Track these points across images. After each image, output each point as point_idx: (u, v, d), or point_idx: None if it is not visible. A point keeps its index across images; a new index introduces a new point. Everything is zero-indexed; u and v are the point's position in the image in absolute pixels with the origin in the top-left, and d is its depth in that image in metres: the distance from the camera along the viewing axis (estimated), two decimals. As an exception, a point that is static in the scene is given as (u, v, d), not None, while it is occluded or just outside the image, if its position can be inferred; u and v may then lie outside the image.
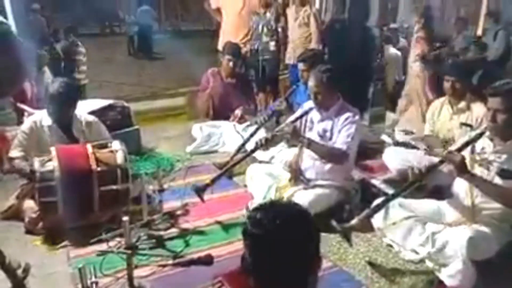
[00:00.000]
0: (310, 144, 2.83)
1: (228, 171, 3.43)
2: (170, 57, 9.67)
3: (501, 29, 6.09)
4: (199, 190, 2.87)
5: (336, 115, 2.89)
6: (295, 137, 2.87)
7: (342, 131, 2.84)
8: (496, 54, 5.96)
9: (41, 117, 3.00)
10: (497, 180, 2.30)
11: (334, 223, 2.42)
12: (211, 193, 3.03)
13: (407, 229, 2.48)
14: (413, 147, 3.40)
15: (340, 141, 2.83)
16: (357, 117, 2.89)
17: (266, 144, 2.92)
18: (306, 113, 3.00)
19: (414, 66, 4.54)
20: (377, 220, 2.56)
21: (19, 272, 2.23)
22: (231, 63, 4.26)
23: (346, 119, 2.84)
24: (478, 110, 2.92)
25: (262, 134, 3.79)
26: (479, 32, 7.10)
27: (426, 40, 4.49)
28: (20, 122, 3.83)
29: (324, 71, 2.86)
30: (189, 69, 8.32)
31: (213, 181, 2.91)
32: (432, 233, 2.33)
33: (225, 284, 1.83)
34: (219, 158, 3.71)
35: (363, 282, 2.31)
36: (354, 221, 2.42)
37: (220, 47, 5.04)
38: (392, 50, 6.10)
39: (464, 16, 7.18)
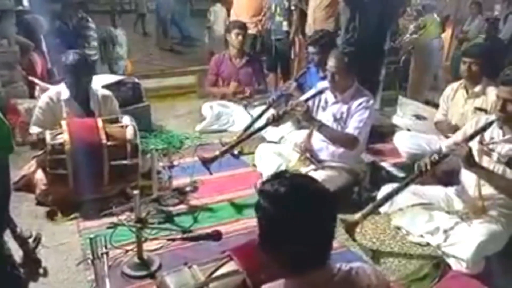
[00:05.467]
0: (321, 127, 2.80)
1: (237, 149, 3.45)
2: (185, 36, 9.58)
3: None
4: (207, 162, 2.87)
5: (351, 99, 2.85)
6: (307, 118, 2.84)
7: (355, 116, 2.80)
8: (506, 37, 5.88)
9: (57, 92, 3.01)
10: (507, 171, 2.26)
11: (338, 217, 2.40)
12: (220, 171, 3.05)
13: (413, 216, 2.48)
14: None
15: (351, 126, 2.80)
16: (371, 102, 2.84)
17: (277, 120, 2.89)
18: (320, 92, 2.96)
19: None
20: (383, 205, 2.55)
21: (31, 241, 2.28)
22: (240, 37, 4.18)
23: (360, 104, 2.80)
24: (494, 94, 2.87)
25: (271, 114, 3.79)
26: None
27: None
28: (31, 95, 3.85)
29: (346, 53, 2.82)
30: (200, 48, 8.30)
31: (222, 153, 2.90)
32: (444, 230, 2.32)
33: (234, 258, 1.84)
34: (228, 138, 3.70)
35: (370, 263, 2.31)
36: (357, 216, 2.41)
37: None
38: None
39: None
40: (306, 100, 2.93)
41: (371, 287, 1.15)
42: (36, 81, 3.91)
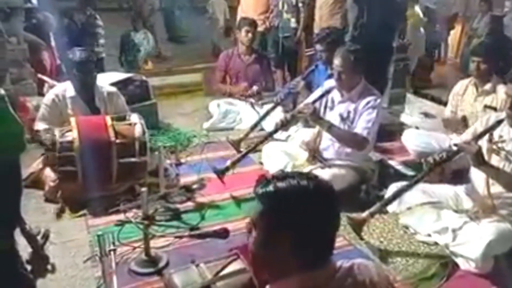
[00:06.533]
0: (331, 128, 2.78)
1: (244, 147, 3.45)
2: (189, 34, 9.58)
3: None
4: (220, 173, 2.86)
5: (359, 98, 2.83)
6: (315, 119, 2.82)
7: (363, 115, 2.78)
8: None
9: (63, 89, 3.03)
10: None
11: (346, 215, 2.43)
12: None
13: (421, 215, 2.47)
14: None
15: (360, 126, 2.78)
16: (378, 101, 2.82)
17: (285, 125, 2.89)
18: (327, 92, 2.94)
19: None
20: (392, 204, 2.53)
21: (39, 238, 2.30)
22: (249, 34, 4.17)
23: (368, 102, 2.78)
24: (504, 92, 2.83)
25: (278, 112, 3.78)
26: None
27: None
28: (40, 92, 3.87)
29: (352, 51, 2.80)
30: (207, 45, 8.29)
31: (234, 163, 2.89)
32: (453, 229, 2.30)
33: (241, 257, 1.84)
34: (235, 135, 3.69)
35: (377, 261, 2.30)
36: (365, 214, 2.40)
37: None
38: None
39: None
40: (314, 102, 2.91)
41: (373, 283, 1.14)
42: (45, 78, 3.94)
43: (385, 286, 1.16)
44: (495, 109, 2.84)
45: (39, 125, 2.95)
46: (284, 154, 3.06)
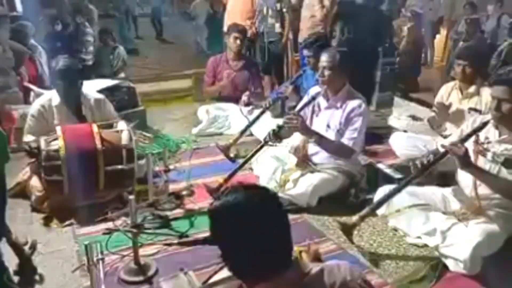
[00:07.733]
0: (319, 139, 2.80)
1: (233, 152, 3.46)
2: (177, 40, 9.60)
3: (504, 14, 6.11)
4: (213, 191, 2.83)
5: (344, 102, 2.85)
6: (303, 131, 2.82)
7: (349, 125, 2.81)
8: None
9: (48, 99, 2.99)
10: (503, 171, 2.26)
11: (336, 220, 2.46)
12: (216, 175, 3.05)
13: (410, 217, 2.48)
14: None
15: (346, 137, 2.81)
16: (363, 106, 2.84)
17: (274, 137, 2.89)
18: (313, 99, 2.95)
19: None
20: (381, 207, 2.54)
21: (26, 248, 2.26)
22: (238, 41, 4.19)
23: (353, 110, 2.80)
24: (488, 95, 2.87)
25: (267, 117, 3.78)
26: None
27: None
28: (26, 101, 3.83)
29: (340, 51, 2.85)
30: (196, 51, 8.31)
31: (226, 180, 2.87)
32: (441, 231, 2.32)
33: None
34: (224, 141, 3.69)
35: (367, 265, 2.31)
36: (355, 218, 2.41)
37: (225, 29, 4.99)
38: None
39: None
40: (300, 110, 2.92)
41: (344, 284, 1.18)
42: (31, 86, 3.90)
43: (358, 284, 1.20)
44: (479, 111, 2.88)
45: (28, 137, 2.91)
46: (273, 159, 3.07)
